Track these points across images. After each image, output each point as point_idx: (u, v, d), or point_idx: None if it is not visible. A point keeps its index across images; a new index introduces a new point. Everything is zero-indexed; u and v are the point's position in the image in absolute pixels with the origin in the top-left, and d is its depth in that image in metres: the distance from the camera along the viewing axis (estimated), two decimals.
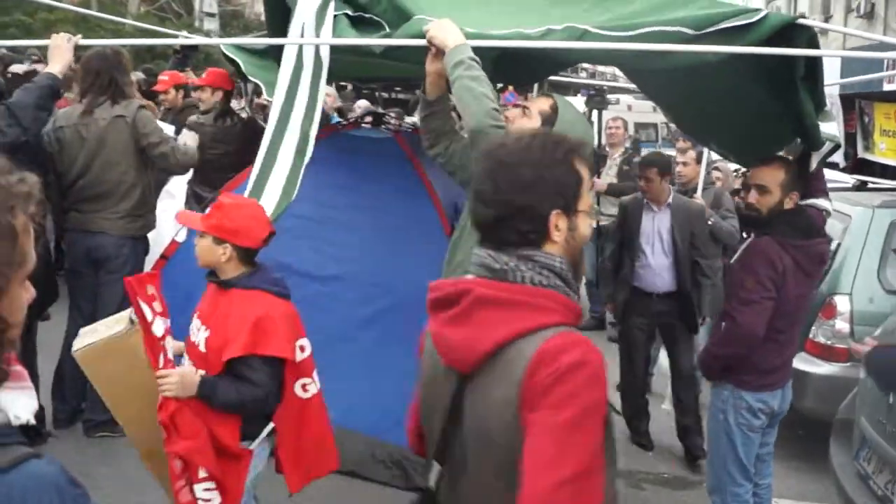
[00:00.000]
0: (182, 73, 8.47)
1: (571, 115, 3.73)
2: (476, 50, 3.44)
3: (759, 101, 4.00)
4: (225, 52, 6.05)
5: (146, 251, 5.86)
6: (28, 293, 1.48)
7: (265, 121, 7.51)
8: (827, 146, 4.18)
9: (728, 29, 3.42)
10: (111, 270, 5.57)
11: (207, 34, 22.31)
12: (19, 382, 1.45)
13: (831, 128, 4.25)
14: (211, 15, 21.12)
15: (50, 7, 5.33)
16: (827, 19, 28.82)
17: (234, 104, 7.18)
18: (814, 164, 4.28)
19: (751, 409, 4.20)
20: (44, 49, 4.90)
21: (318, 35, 3.72)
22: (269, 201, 3.66)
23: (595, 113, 8.54)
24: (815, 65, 3.66)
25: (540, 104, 3.73)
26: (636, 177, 8.65)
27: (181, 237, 5.55)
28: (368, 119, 5.92)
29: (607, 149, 9.21)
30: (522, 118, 3.67)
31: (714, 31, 3.43)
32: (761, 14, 3.44)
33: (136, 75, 10.33)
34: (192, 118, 7.02)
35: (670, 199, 6.37)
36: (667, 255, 6.30)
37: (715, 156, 7.13)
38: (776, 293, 4.05)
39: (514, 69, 4.58)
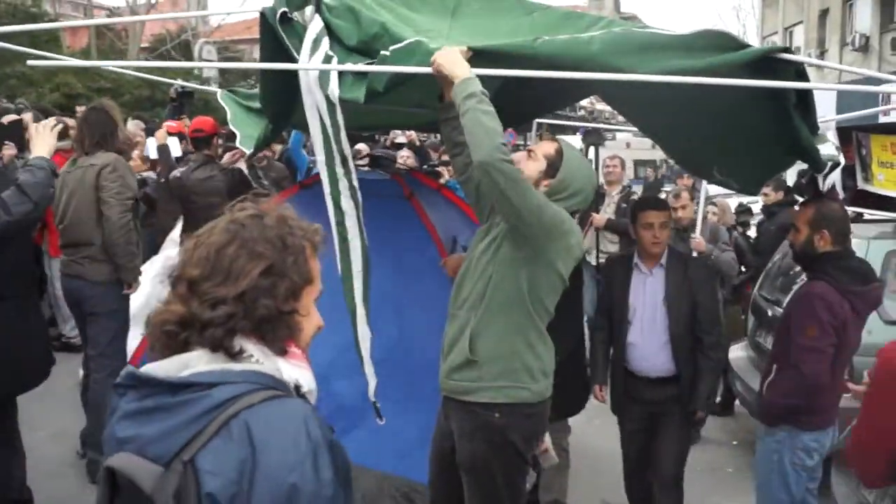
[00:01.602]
0: (178, 122, 8.48)
1: (576, 159, 3.78)
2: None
3: (754, 126, 3.99)
4: (220, 99, 6.09)
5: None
6: (316, 321, 1.91)
7: (255, 173, 7.56)
8: (829, 166, 4.22)
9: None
10: (90, 311, 5.73)
11: (206, 82, 22.42)
12: (299, 362, 1.84)
13: (828, 148, 4.26)
14: (211, 62, 21.22)
15: (52, 62, 5.19)
16: (823, 53, 29.00)
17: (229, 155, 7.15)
18: (824, 185, 4.35)
19: (806, 449, 4.21)
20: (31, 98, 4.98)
21: (321, 87, 3.66)
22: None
23: (592, 150, 8.50)
24: (806, 92, 3.64)
25: (545, 148, 3.75)
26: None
27: None
28: (363, 161, 5.93)
29: (605, 187, 9.20)
30: (528, 160, 3.70)
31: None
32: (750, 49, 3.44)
33: (137, 124, 10.36)
34: (173, 172, 7.03)
35: (663, 260, 4.98)
36: (660, 332, 4.92)
37: (713, 191, 7.11)
38: (837, 339, 4.07)
39: (514, 106, 4.56)
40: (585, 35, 3.48)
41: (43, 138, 4.78)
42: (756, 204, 9.77)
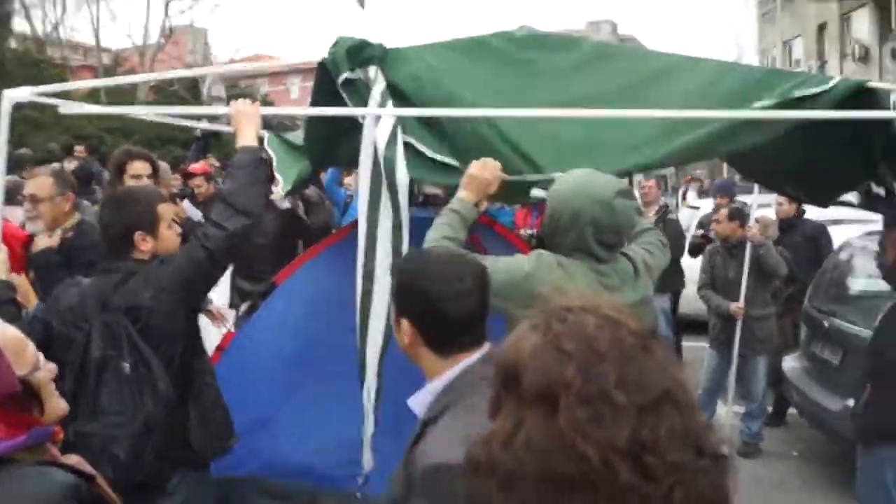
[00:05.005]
0: (204, 162, 8.41)
1: (561, 188, 3.39)
2: None
3: (839, 150, 4.06)
4: (265, 144, 6.07)
5: None
6: None
7: (308, 213, 7.48)
8: None
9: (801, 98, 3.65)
10: None
11: (216, 117, 22.42)
12: None
13: None
14: (219, 99, 21.19)
15: (85, 110, 5.07)
16: (823, 65, 29.07)
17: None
18: None
19: None
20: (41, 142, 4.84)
21: (392, 170, 3.71)
22: None
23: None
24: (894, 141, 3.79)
25: None
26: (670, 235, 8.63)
27: (234, 328, 5.52)
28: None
29: (641, 209, 9.02)
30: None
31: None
32: (832, 82, 3.66)
33: (163, 165, 10.29)
34: None
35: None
36: None
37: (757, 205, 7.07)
38: None
39: None
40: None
41: (247, 120, 3.78)
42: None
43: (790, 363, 7.33)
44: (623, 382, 1.24)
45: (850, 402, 5.70)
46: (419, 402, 2.21)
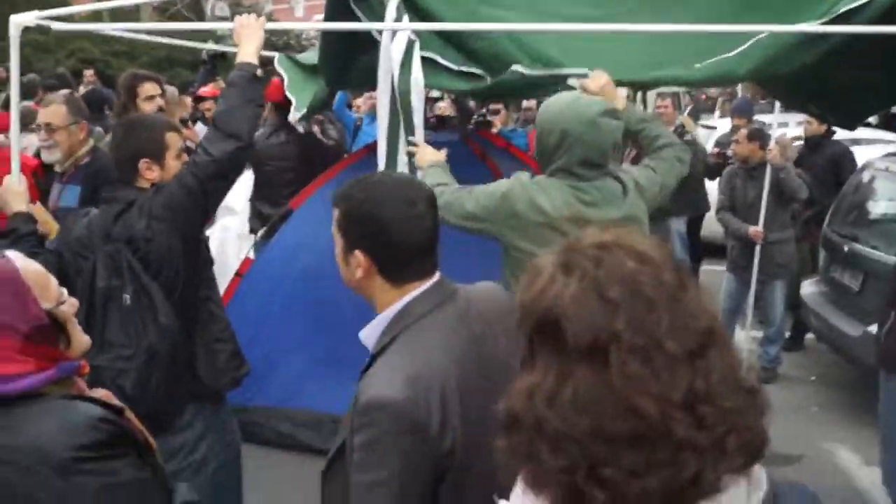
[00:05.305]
0: (213, 85, 8.25)
1: (546, 110, 3.47)
2: None
3: (869, 69, 3.93)
4: (276, 65, 5.96)
5: None
6: None
7: (323, 134, 7.38)
8: None
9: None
10: None
11: (222, 38, 22.19)
12: None
13: None
14: (223, 19, 20.95)
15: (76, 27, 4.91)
16: None
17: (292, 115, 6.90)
18: None
19: None
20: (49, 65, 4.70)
21: (407, 78, 3.64)
22: None
23: (639, 94, 8.23)
24: None
25: None
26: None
27: (252, 254, 5.49)
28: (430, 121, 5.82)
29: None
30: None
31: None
32: None
33: (170, 89, 10.09)
34: None
35: None
36: None
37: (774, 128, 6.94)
38: None
39: None
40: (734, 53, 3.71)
41: (248, 35, 3.54)
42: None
43: (808, 288, 7.27)
44: (673, 328, 1.20)
45: (870, 328, 5.67)
46: (369, 335, 2.13)
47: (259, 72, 3.44)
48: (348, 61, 4.39)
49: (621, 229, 1.34)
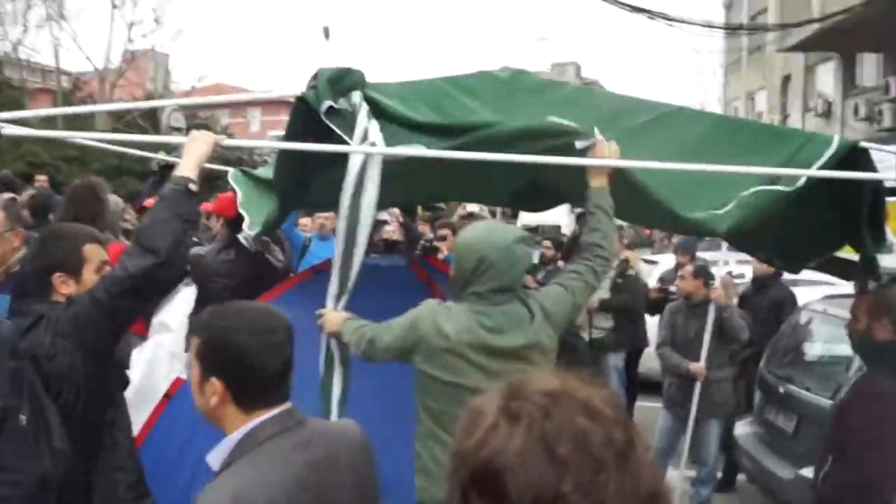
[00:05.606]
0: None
1: (463, 240, 3.63)
2: None
3: (817, 215, 4.09)
4: (230, 179, 5.93)
5: None
6: None
7: (275, 255, 7.34)
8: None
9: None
10: None
11: (175, 149, 22.19)
12: None
13: (891, 261, 4.28)
14: (178, 129, 20.91)
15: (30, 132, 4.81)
16: (785, 118, 29.47)
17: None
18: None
19: None
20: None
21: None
22: None
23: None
24: (879, 206, 3.82)
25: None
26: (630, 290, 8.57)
27: (184, 374, 5.36)
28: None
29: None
30: None
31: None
32: (834, 144, 3.75)
33: (117, 202, 10.01)
34: (194, 250, 6.73)
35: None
36: None
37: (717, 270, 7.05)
38: None
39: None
40: (722, 212, 3.79)
41: (194, 149, 3.39)
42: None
43: (742, 428, 7.26)
44: (620, 493, 1.16)
45: (803, 471, 5.67)
46: (215, 458, 2.17)
47: (193, 187, 3.29)
48: (307, 179, 4.36)
49: (569, 376, 1.30)
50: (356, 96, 3.68)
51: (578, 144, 3.73)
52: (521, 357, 3.38)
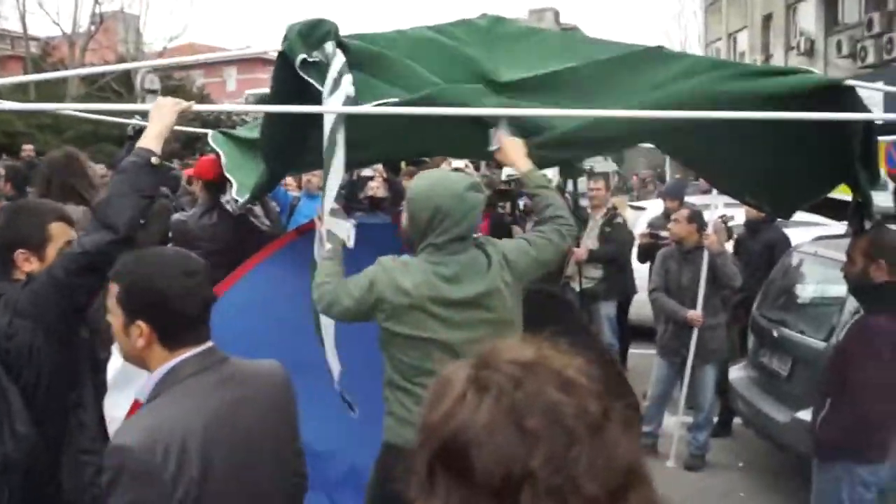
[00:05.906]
0: None
1: (417, 188, 3.59)
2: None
3: (805, 157, 4.03)
4: (211, 142, 5.77)
5: None
6: None
7: (260, 219, 7.21)
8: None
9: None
10: None
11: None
12: None
13: (886, 199, 4.25)
14: (153, 92, 20.64)
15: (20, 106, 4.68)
16: (768, 58, 29.33)
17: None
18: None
19: (864, 483, 4.03)
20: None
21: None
22: None
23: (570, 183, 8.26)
24: (869, 142, 3.71)
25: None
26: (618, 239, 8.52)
27: None
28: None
29: (589, 211, 8.90)
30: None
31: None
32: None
33: (96, 167, 9.87)
34: (177, 215, 6.58)
35: None
36: None
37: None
38: None
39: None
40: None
41: (157, 118, 3.22)
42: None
43: (737, 373, 7.23)
44: (593, 467, 1.09)
45: (799, 414, 5.67)
46: (141, 392, 2.32)
47: (155, 160, 3.13)
48: (295, 141, 4.23)
49: (546, 343, 1.22)
50: (329, 46, 3.58)
51: (491, 146, 3.74)
52: (480, 305, 3.39)
